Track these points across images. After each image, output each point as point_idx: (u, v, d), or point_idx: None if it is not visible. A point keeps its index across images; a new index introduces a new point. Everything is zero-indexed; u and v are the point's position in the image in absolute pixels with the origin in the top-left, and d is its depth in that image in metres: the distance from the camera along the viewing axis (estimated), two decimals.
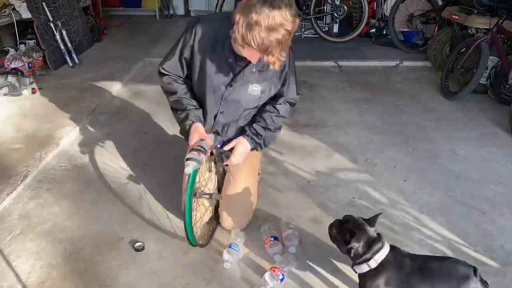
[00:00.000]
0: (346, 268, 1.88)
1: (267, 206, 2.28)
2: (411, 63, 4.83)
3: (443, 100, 3.82)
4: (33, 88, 3.58)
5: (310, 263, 1.91)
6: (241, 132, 1.99)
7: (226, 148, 1.92)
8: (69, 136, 2.94)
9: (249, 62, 1.76)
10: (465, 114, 3.53)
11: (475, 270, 1.43)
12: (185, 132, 1.89)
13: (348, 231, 1.54)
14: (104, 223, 2.14)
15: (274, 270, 1.78)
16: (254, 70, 1.83)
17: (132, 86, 4.02)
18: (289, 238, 1.99)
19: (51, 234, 2.05)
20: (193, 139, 1.81)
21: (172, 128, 3.15)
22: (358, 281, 1.60)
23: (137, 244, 1.97)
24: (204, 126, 1.90)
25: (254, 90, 1.89)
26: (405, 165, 2.73)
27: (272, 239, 1.96)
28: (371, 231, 1.55)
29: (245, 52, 1.66)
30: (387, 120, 3.39)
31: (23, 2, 3.96)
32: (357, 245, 1.52)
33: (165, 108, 3.51)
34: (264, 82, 1.89)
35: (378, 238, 1.55)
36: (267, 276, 1.76)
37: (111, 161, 2.70)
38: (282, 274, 1.78)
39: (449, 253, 1.98)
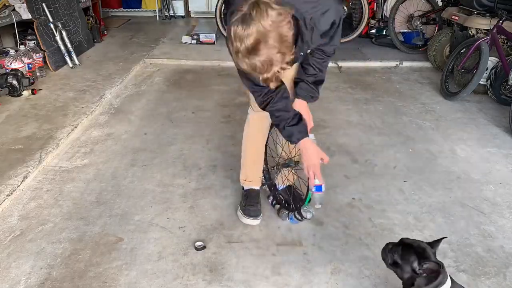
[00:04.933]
0: (346, 269, 1.88)
1: (267, 206, 2.28)
2: (411, 64, 4.83)
3: (443, 101, 3.82)
4: (33, 89, 3.58)
5: (310, 264, 1.91)
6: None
7: None
8: (69, 136, 2.94)
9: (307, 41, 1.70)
10: (465, 114, 3.54)
11: None
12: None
13: (413, 254, 1.35)
14: (104, 223, 2.14)
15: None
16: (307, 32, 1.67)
17: (132, 87, 4.03)
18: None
19: (51, 235, 2.05)
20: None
21: (172, 129, 3.15)
22: None
23: (197, 243, 2.00)
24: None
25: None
26: (405, 166, 2.73)
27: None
28: (434, 256, 1.36)
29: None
30: (387, 120, 3.39)
31: (23, 3, 3.96)
32: (422, 271, 1.33)
33: (165, 108, 3.54)
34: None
35: (442, 267, 1.34)
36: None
37: (111, 161, 2.70)
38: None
39: (449, 254, 1.99)
